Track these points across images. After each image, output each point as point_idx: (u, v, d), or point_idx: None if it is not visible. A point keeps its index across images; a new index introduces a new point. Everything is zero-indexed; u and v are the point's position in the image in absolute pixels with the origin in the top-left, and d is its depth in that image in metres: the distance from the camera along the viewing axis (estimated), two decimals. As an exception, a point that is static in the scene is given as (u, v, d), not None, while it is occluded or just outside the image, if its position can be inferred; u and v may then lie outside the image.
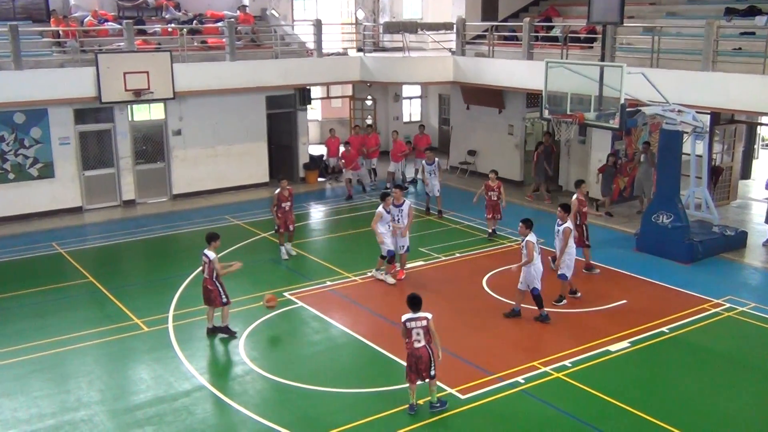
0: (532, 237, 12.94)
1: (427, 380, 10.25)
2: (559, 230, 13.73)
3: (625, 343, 12.41)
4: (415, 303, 10.16)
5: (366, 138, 23.39)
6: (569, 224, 13.69)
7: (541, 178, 21.41)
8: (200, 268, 13.13)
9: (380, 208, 14.99)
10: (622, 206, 20.46)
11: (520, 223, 13.05)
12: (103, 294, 14.78)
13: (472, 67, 22.48)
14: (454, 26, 23.14)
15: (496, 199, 17.74)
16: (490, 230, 17.97)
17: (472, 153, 24.76)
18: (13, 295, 14.75)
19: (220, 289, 12.66)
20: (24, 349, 12.32)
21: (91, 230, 19.19)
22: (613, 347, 12.27)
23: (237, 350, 12.30)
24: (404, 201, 15.21)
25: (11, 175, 19.67)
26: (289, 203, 16.51)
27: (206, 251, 12.64)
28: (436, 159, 19.62)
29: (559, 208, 13.91)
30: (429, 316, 10.10)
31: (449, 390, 10.83)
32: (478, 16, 24.48)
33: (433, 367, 10.16)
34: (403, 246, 15.31)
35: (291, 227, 16.68)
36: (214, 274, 12.58)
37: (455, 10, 24.60)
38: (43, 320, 13.55)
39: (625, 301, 14.21)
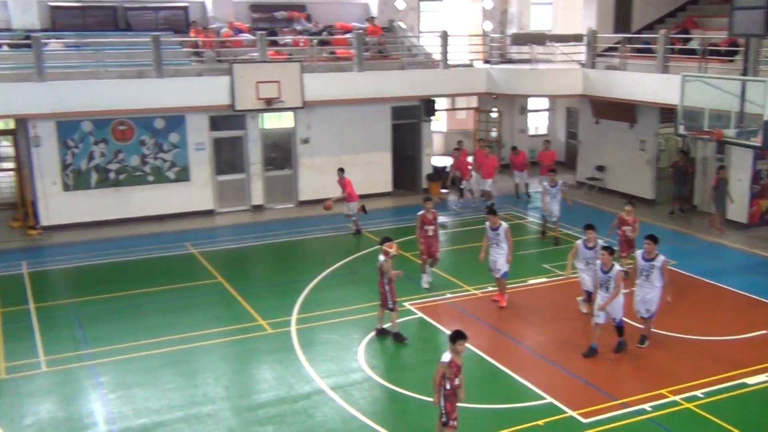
0: (617, 267, 12.19)
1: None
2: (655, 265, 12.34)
3: (763, 377, 11.70)
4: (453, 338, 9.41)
5: (484, 158, 22.41)
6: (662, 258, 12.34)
7: (677, 193, 20.81)
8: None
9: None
10: (764, 230, 19.37)
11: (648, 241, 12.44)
12: (230, 294, 15.33)
13: (602, 79, 21.91)
14: (585, 38, 22.65)
15: (631, 235, 15.49)
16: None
17: (600, 169, 24.09)
18: (148, 291, 15.54)
19: (387, 294, 12.89)
20: (156, 344, 12.95)
21: (221, 233, 19.96)
22: (750, 380, 11.57)
23: (357, 357, 12.45)
24: (500, 224, 14.38)
25: (150, 177, 20.80)
26: (433, 227, 15.25)
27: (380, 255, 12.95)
28: (560, 181, 18.65)
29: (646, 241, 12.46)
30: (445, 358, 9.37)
31: (570, 413, 10.55)
32: (610, 28, 23.87)
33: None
34: (499, 270, 14.48)
35: (435, 255, 15.42)
36: (385, 278, 12.84)
37: (586, 22, 24.07)
38: (174, 317, 14.21)
39: (765, 332, 13.40)
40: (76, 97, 19.06)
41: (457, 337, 9.34)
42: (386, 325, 13.20)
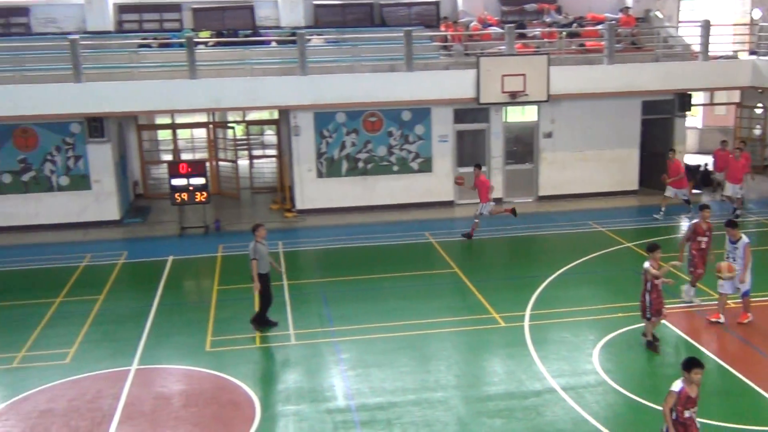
0: (745, 238, 12.94)
1: None
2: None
3: None
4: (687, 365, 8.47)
5: (731, 160, 20.35)
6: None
7: None
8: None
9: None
10: None
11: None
12: (465, 285, 15.55)
13: None
14: None
15: None
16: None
17: None
18: (388, 276, 16.20)
19: (648, 305, 12.16)
20: (393, 327, 13.48)
21: (460, 224, 20.24)
22: None
23: (591, 359, 12.09)
24: (740, 238, 13.02)
25: (395, 168, 21.64)
26: (706, 239, 13.98)
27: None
28: None
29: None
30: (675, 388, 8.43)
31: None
32: None
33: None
34: (739, 289, 13.17)
35: (699, 269, 14.11)
36: (647, 286, 12.15)
37: None
38: (410, 302, 14.68)
39: None
40: (334, 90, 20.30)
41: (692, 365, 8.33)
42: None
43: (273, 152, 25.20)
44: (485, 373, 11.87)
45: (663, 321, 12.52)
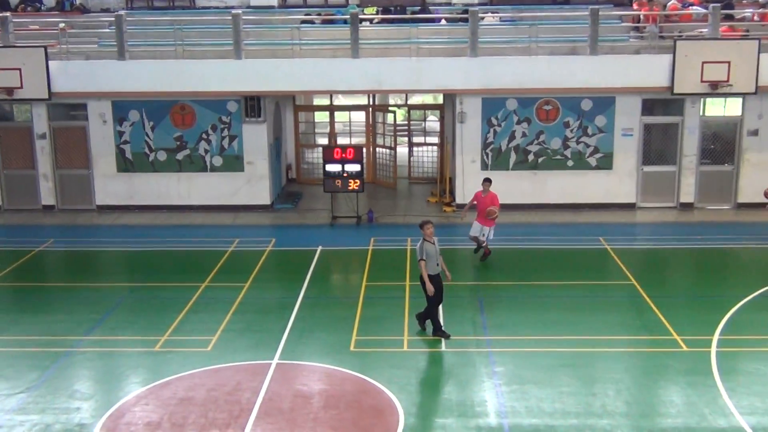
0: None
1: None
2: None
3: None
4: None
5: None
6: None
7: None
8: None
9: None
10: None
11: None
12: (643, 300, 14.95)
13: None
14: None
15: None
16: None
17: None
18: (553, 284, 15.87)
19: None
20: (556, 341, 13.17)
21: (640, 230, 19.53)
22: None
23: (791, 398, 11.26)
24: None
25: (570, 163, 21.14)
26: None
27: None
28: None
29: None
30: None
31: None
32: None
33: None
34: None
35: None
36: None
37: None
38: (577, 315, 14.30)
39: None
40: (506, 74, 20.20)
41: None
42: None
43: (434, 140, 25.33)
44: (661, 402, 11.34)
45: None
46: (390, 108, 24.81)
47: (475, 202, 17.50)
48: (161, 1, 24.72)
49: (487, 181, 17.46)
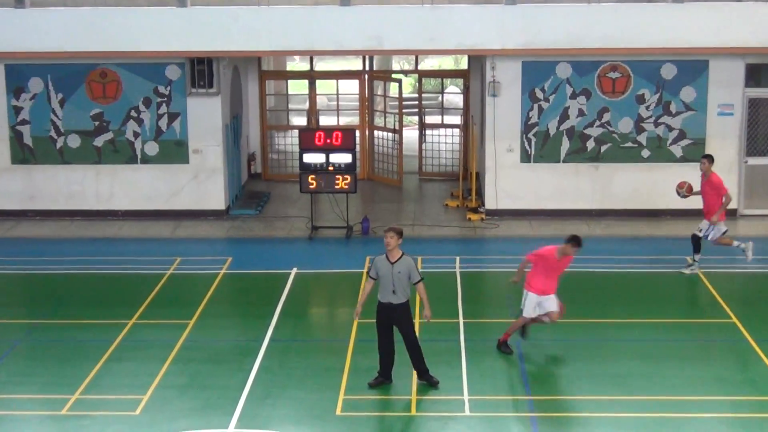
0: None
1: None
2: None
3: None
4: None
5: None
6: None
7: None
8: None
9: None
10: None
11: None
12: (748, 345, 14.91)
13: None
14: None
15: None
16: None
17: None
18: (621, 323, 15.89)
19: None
20: (627, 402, 13.04)
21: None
22: None
23: None
24: None
25: (645, 152, 21.14)
26: None
27: None
28: None
29: None
30: None
31: None
32: None
33: None
34: None
35: None
36: None
37: None
38: (655, 366, 14.22)
39: None
40: (556, 28, 20.22)
41: None
42: None
43: (455, 120, 25.28)
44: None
45: None
46: (394, 76, 24.76)
47: (530, 263, 14.79)
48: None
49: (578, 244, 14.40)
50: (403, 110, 24.69)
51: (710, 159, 18.06)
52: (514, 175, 21.30)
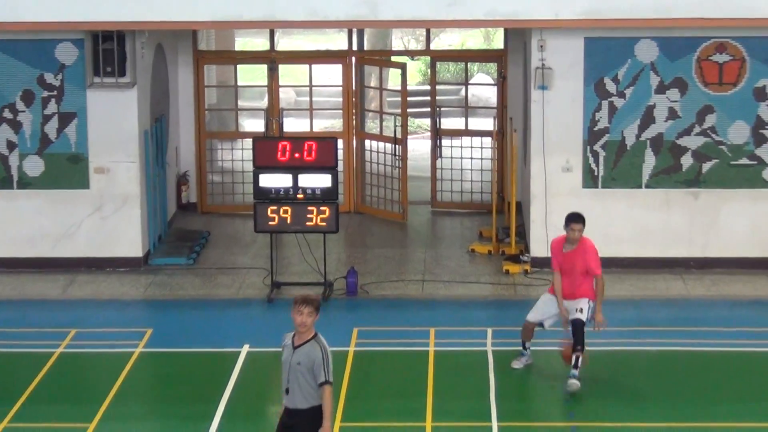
0: None
1: None
2: None
3: None
4: None
5: None
6: None
7: None
8: None
9: None
10: None
11: None
12: None
13: None
14: None
15: None
16: None
17: None
18: (731, 427, 15.68)
19: None
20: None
21: None
22: None
23: None
24: None
25: (766, 173, 21.01)
26: None
27: None
28: None
29: None
30: None
31: None
32: None
33: None
34: None
35: None
36: None
37: None
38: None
39: None
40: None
41: None
42: None
43: (486, 125, 25.19)
44: None
45: None
46: (395, 59, 24.69)
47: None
48: None
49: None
50: (409, 110, 24.59)
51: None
52: (573, 207, 21.01)
